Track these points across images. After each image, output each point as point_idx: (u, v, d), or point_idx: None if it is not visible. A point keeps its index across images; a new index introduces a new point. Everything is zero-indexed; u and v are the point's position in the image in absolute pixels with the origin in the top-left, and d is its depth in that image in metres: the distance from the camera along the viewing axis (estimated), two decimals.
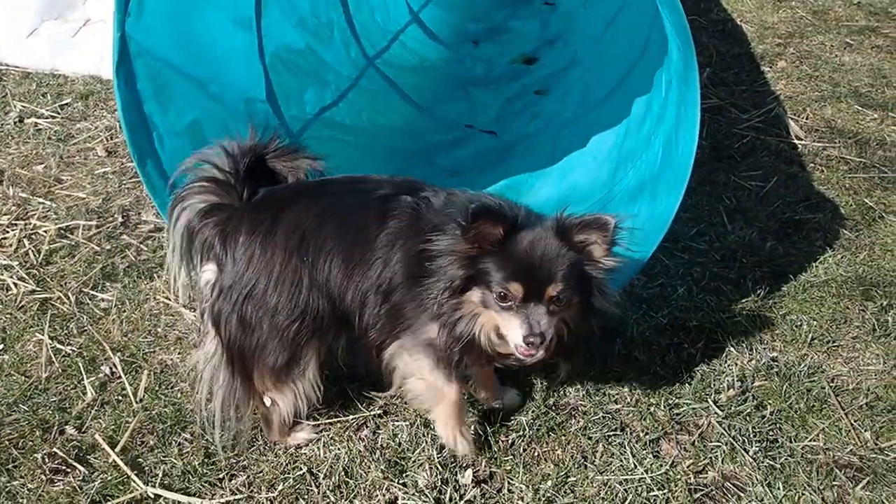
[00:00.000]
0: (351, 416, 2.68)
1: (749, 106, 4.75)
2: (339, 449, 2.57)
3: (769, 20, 6.09)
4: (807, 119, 4.63)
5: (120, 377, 2.84)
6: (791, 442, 2.58)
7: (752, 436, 2.58)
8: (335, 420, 2.67)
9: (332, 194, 2.48)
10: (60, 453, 2.54)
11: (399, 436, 2.61)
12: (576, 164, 3.78)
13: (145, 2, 2.60)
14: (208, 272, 2.45)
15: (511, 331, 2.18)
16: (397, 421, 2.66)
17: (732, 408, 2.69)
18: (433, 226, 2.29)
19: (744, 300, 3.19)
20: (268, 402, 2.51)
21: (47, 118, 4.42)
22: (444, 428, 2.51)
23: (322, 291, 2.36)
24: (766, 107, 4.71)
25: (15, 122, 4.38)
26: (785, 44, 5.65)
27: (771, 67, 5.30)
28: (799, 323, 3.08)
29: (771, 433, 2.61)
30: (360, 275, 2.35)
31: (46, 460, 2.52)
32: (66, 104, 4.57)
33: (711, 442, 2.58)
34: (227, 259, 2.38)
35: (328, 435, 2.62)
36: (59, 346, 2.96)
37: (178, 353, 2.93)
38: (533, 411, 2.69)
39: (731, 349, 2.95)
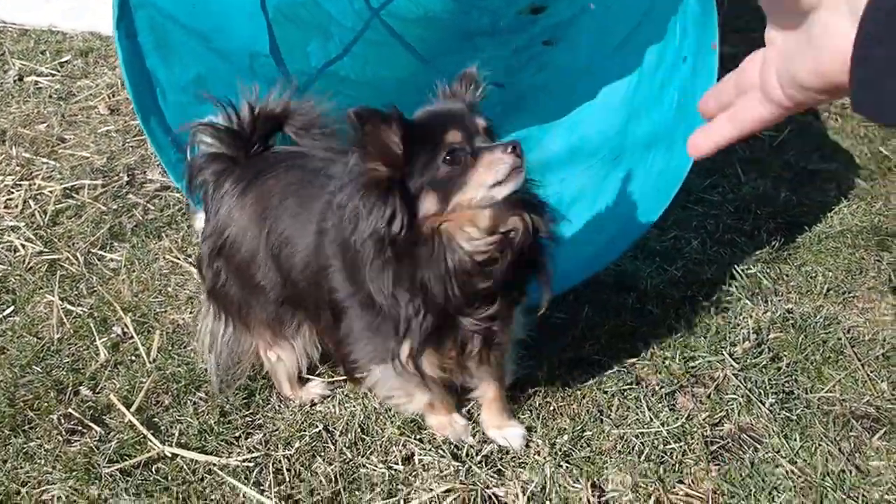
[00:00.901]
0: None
1: None
2: (354, 406, 2.57)
3: None
4: None
5: (132, 337, 2.83)
6: (807, 393, 2.57)
7: (767, 388, 2.57)
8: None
9: (303, 168, 2.31)
10: (76, 414, 2.54)
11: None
12: (585, 115, 3.71)
13: None
14: (199, 220, 2.46)
15: (485, 167, 1.86)
16: None
17: (748, 360, 2.68)
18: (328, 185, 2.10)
19: (758, 252, 3.16)
20: (273, 357, 2.50)
21: (47, 76, 4.35)
22: (433, 424, 2.49)
23: (278, 269, 2.27)
24: None
25: (14, 81, 4.32)
26: None
27: None
28: (814, 274, 3.06)
29: (787, 385, 2.60)
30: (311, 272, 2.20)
31: (62, 421, 2.53)
32: (66, 62, 4.49)
33: (727, 394, 2.57)
34: (211, 209, 2.35)
35: (343, 392, 2.62)
36: (69, 307, 2.95)
37: (190, 313, 2.91)
38: (547, 366, 2.68)
39: (746, 301, 2.92)
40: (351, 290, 2.10)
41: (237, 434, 2.49)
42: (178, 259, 3.14)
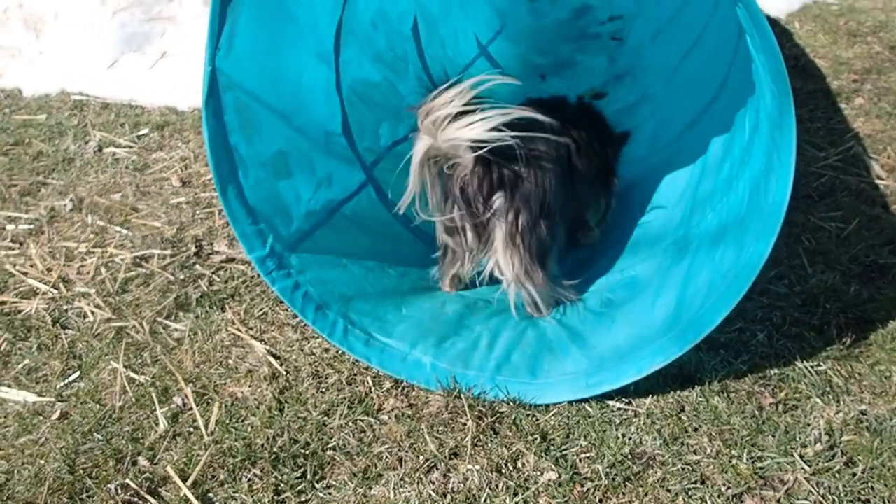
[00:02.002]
0: (421, 458, 2.63)
1: (826, 144, 4.61)
2: (409, 491, 2.52)
3: (844, 56, 5.94)
4: (888, 158, 4.47)
5: (191, 409, 2.85)
6: (885, 503, 2.44)
7: (842, 495, 2.45)
8: (405, 459, 2.63)
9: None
10: (133, 485, 2.55)
11: (470, 480, 2.55)
12: (648, 203, 3.70)
13: (235, 37, 2.64)
14: (500, 199, 2.89)
15: None
16: (469, 464, 2.60)
17: (820, 463, 2.57)
18: None
19: (828, 348, 3.06)
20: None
21: (125, 148, 4.54)
22: None
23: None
24: (845, 145, 4.56)
25: (94, 152, 4.51)
26: (861, 80, 5.49)
27: (848, 104, 5.15)
28: (888, 374, 2.94)
29: (863, 493, 2.47)
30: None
31: (119, 491, 2.54)
32: (143, 134, 4.69)
33: (799, 500, 2.45)
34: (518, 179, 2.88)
35: (397, 475, 2.58)
36: (133, 375, 3.00)
37: (249, 387, 2.93)
38: (608, 459, 2.61)
39: (817, 400, 2.82)
40: None
41: None
42: (241, 331, 3.17)
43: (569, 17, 6.43)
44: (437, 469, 2.60)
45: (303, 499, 2.51)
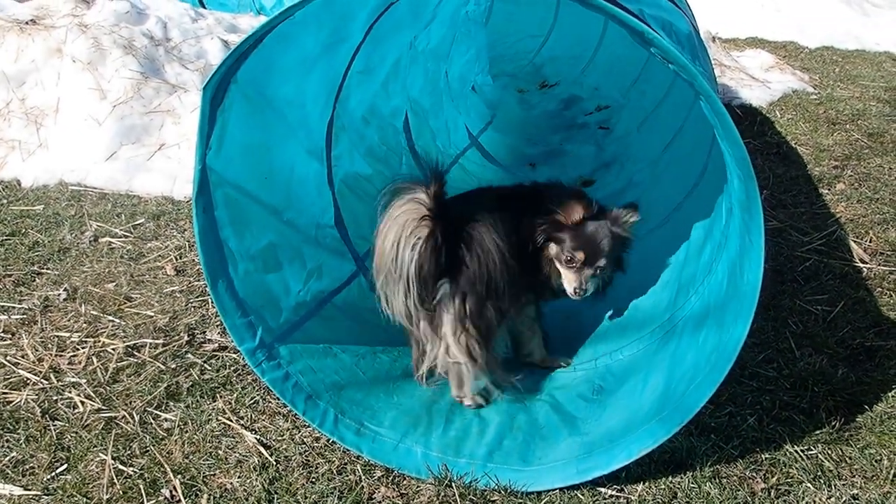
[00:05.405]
0: None
1: (810, 228, 4.72)
2: None
3: (824, 143, 6.12)
4: (870, 242, 4.56)
5: (179, 501, 2.81)
6: None
7: None
8: None
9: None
10: None
11: None
12: (636, 288, 3.76)
13: (225, 137, 2.74)
14: (445, 286, 2.90)
15: (567, 284, 3.17)
16: None
17: None
18: None
19: (818, 431, 3.06)
20: None
21: (120, 237, 4.61)
22: None
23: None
24: (828, 229, 4.67)
25: (90, 241, 4.58)
26: (842, 166, 5.66)
27: (829, 190, 5.29)
28: (878, 457, 2.94)
29: None
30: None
31: None
32: (139, 224, 4.77)
33: None
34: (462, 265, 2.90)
35: None
36: (121, 466, 2.97)
37: (238, 477, 2.90)
38: None
39: (808, 485, 2.81)
40: None
41: None
42: (231, 421, 3.16)
43: (557, 108, 6.66)
44: None
45: None
